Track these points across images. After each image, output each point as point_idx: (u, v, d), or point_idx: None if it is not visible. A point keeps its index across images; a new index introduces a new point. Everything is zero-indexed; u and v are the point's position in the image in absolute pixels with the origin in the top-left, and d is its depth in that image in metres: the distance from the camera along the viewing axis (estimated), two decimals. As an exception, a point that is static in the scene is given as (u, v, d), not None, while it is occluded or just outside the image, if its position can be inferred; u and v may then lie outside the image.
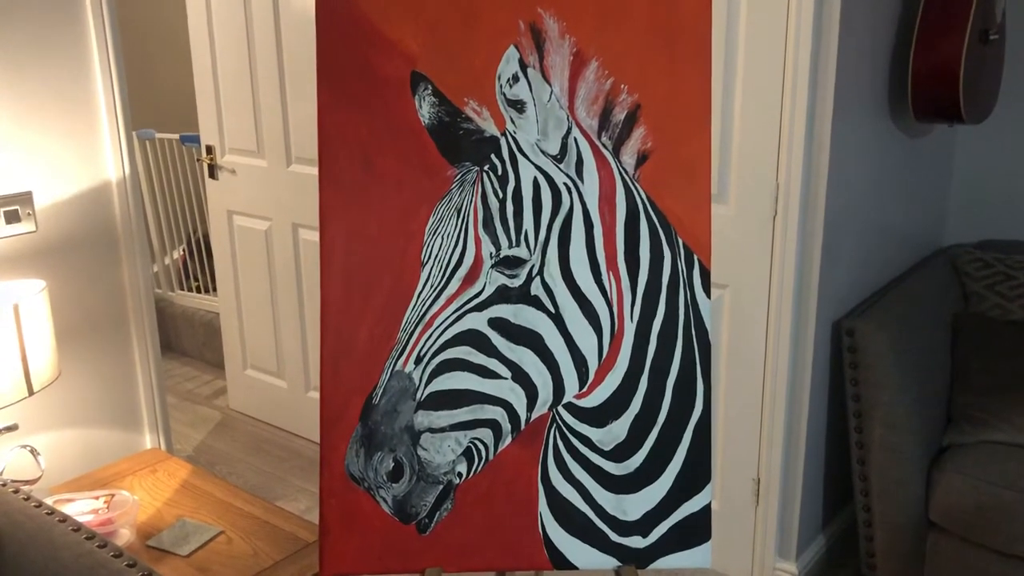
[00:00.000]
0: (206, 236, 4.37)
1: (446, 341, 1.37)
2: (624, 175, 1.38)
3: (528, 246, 1.37)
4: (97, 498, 1.94)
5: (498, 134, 1.38)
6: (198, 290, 4.44)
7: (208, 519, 1.98)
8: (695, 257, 1.39)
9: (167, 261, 4.48)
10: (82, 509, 1.89)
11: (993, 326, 2.54)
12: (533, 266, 1.38)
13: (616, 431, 1.40)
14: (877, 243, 2.53)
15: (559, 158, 1.38)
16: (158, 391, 2.54)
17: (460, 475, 1.39)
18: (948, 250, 2.89)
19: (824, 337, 2.30)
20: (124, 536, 1.89)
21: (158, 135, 4.27)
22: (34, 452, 2.08)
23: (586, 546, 1.40)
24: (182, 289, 4.48)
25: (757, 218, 2.22)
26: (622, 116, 1.38)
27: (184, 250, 4.55)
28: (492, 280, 1.37)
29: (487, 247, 1.37)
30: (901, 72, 2.47)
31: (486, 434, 1.38)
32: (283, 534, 1.92)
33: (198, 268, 4.47)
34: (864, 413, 2.23)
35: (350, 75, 1.38)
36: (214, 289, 4.28)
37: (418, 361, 1.37)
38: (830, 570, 2.54)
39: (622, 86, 1.37)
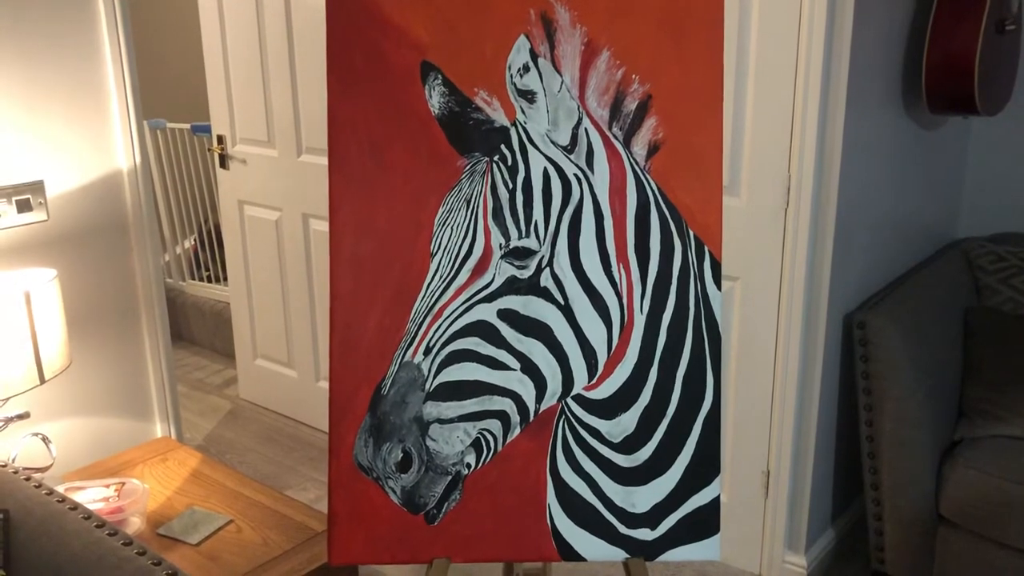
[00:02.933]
0: (217, 226, 4.38)
1: (455, 332, 1.37)
2: (635, 166, 1.37)
3: (538, 237, 1.37)
4: (108, 486, 1.95)
5: (508, 124, 1.37)
6: (209, 280, 4.46)
7: (218, 508, 1.99)
8: (706, 249, 1.39)
9: (178, 251, 4.49)
10: (93, 497, 1.90)
11: (1006, 320, 2.52)
12: (543, 257, 1.37)
13: (625, 423, 1.39)
14: (889, 236, 2.51)
15: (569, 149, 1.37)
16: (168, 380, 2.55)
17: (469, 466, 1.39)
18: (961, 243, 2.87)
19: (835, 330, 2.29)
20: (134, 524, 1.90)
21: (169, 125, 4.28)
22: (45, 440, 2.09)
23: (594, 538, 1.40)
24: (193, 279, 4.49)
25: (768, 210, 2.20)
26: (633, 106, 1.37)
27: (195, 240, 4.57)
28: (501, 271, 1.37)
29: (497, 238, 1.37)
30: (915, 63, 2.45)
31: (495, 425, 1.38)
32: (292, 523, 1.93)
33: (209, 258, 4.48)
34: (875, 406, 2.22)
35: (360, 65, 1.38)
36: (225, 279, 4.29)
37: (427, 352, 1.37)
38: (839, 564, 2.53)
39: (633, 76, 1.36)
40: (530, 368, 1.37)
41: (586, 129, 1.37)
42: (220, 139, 3.44)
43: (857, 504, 2.70)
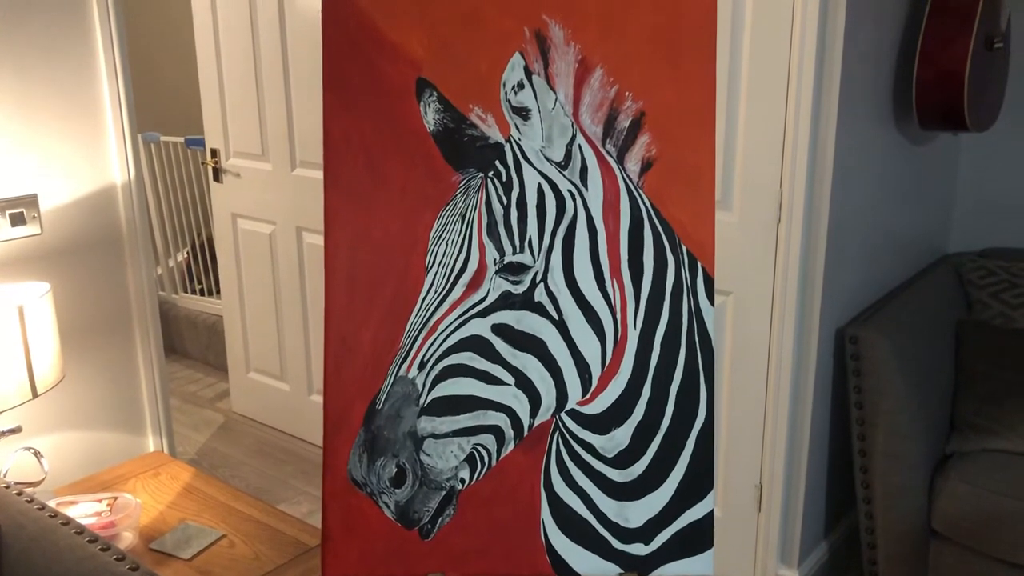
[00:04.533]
0: (210, 239, 4.38)
1: (450, 347, 1.37)
2: (628, 182, 1.38)
3: (532, 252, 1.37)
4: (100, 501, 1.94)
5: (503, 140, 1.38)
6: (202, 293, 4.45)
7: (210, 522, 1.98)
8: (699, 264, 1.39)
9: (171, 264, 4.48)
10: (85, 512, 1.90)
11: (997, 334, 2.54)
12: (537, 272, 1.38)
13: (619, 438, 1.40)
14: (881, 250, 2.52)
15: (563, 165, 1.38)
16: (161, 394, 2.54)
17: (463, 481, 1.39)
18: (952, 258, 2.89)
19: (827, 344, 2.30)
20: (126, 539, 1.89)
21: (163, 138, 4.28)
22: (37, 454, 2.08)
23: (588, 553, 1.40)
24: (186, 292, 4.49)
25: (761, 225, 2.22)
26: (626, 123, 1.38)
27: (188, 253, 4.56)
28: (496, 286, 1.37)
29: (491, 253, 1.37)
30: (905, 79, 2.47)
31: (489, 440, 1.38)
32: (285, 538, 1.92)
33: (202, 271, 4.47)
34: (867, 420, 2.23)
35: (355, 81, 1.39)
36: (218, 292, 4.28)
37: (421, 366, 1.37)
38: (832, 577, 2.53)
39: (627, 93, 1.38)
40: (524, 383, 1.38)
41: (580, 146, 1.38)
42: (214, 152, 3.44)
43: (850, 518, 2.70)
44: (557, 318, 1.38)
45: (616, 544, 1.40)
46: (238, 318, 3.57)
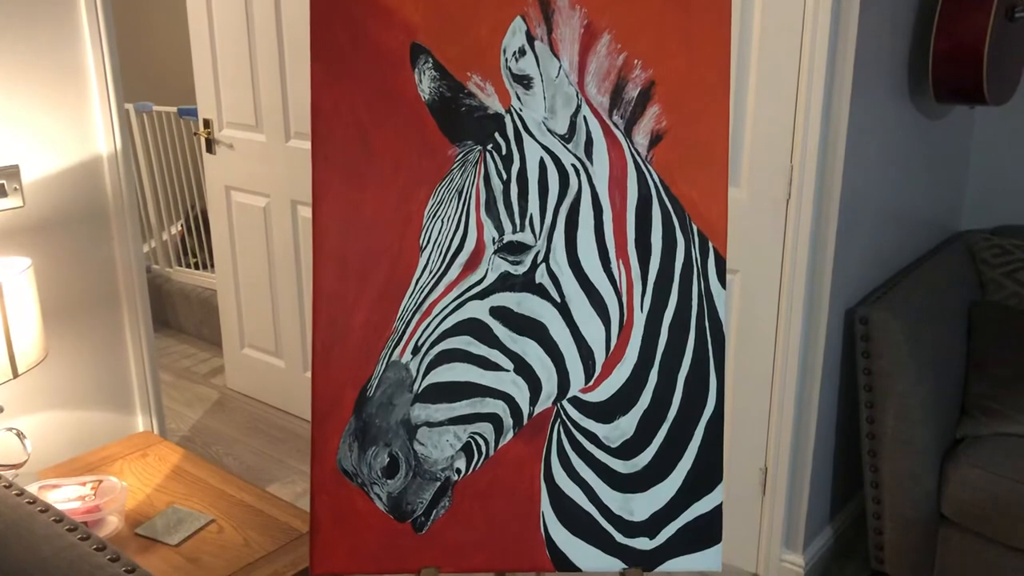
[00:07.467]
0: (204, 212, 4.30)
1: (445, 330, 1.30)
2: (636, 156, 1.30)
3: (533, 231, 1.30)
4: (84, 484, 1.88)
5: (502, 111, 1.30)
6: (196, 266, 4.38)
7: (199, 506, 1.92)
8: (709, 244, 1.32)
9: (164, 237, 4.40)
10: (68, 495, 1.84)
11: (1010, 316, 2.47)
12: (538, 252, 1.30)
13: (624, 427, 1.33)
14: (893, 228, 2.45)
15: (567, 137, 1.30)
16: (151, 372, 2.47)
17: (459, 471, 1.32)
18: (964, 235, 2.81)
19: (837, 325, 2.24)
20: (112, 524, 1.83)
21: (156, 108, 4.18)
22: (20, 435, 2.02)
23: (590, 547, 1.34)
24: (180, 265, 4.41)
25: (770, 201, 2.14)
26: (635, 93, 1.29)
27: (182, 226, 4.48)
28: (495, 267, 1.30)
29: (489, 232, 1.30)
30: (922, 51, 2.39)
31: (486, 429, 1.32)
32: (276, 524, 1.86)
33: (196, 244, 4.40)
34: (876, 403, 2.17)
35: (346, 47, 1.30)
36: (212, 266, 4.21)
37: (415, 351, 1.30)
38: (838, 562, 2.48)
39: (635, 61, 1.29)
40: (524, 369, 1.31)
41: (585, 117, 1.29)
42: (207, 123, 3.36)
43: (856, 502, 2.65)
44: (559, 301, 1.31)
45: (620, 538, 1.34)
46: (232, 293, 3.50)
